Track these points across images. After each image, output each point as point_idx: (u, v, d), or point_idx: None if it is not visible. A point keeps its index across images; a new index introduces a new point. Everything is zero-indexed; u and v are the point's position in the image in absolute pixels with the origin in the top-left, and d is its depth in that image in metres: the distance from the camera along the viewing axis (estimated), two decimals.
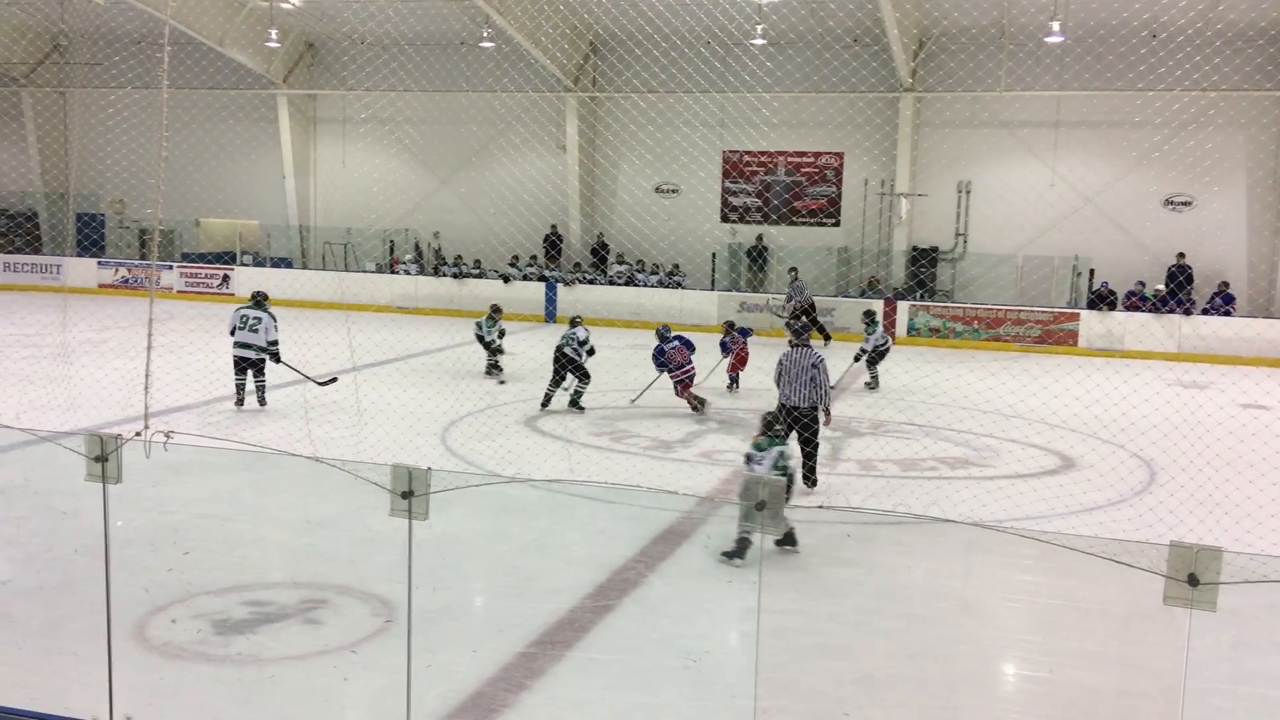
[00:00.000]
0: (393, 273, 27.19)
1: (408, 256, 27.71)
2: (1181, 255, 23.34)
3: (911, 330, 23.68)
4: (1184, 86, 22.27)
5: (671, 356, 14.17)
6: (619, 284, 25.74)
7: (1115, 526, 8.97)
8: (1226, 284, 23.08)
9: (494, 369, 16.66)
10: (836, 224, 26.21)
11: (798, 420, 9.89)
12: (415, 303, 26.03)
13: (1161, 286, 22.98)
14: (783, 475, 7.76)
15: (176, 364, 14.47)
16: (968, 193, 25.10)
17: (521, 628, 6.58)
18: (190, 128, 28.96)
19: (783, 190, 26.50)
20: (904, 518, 8.89)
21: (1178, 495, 10.02)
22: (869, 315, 17.59)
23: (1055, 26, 21.42)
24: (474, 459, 11.07)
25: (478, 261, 27.05)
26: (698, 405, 14.03)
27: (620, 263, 26.74)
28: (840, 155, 25.99)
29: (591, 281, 25.72)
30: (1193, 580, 3.00)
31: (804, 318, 20.97)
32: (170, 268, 27.74)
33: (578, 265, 26.68)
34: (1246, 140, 23.39)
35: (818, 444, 10.22)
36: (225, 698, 5.67)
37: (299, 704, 5.68)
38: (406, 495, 4.02)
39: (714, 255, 26.24)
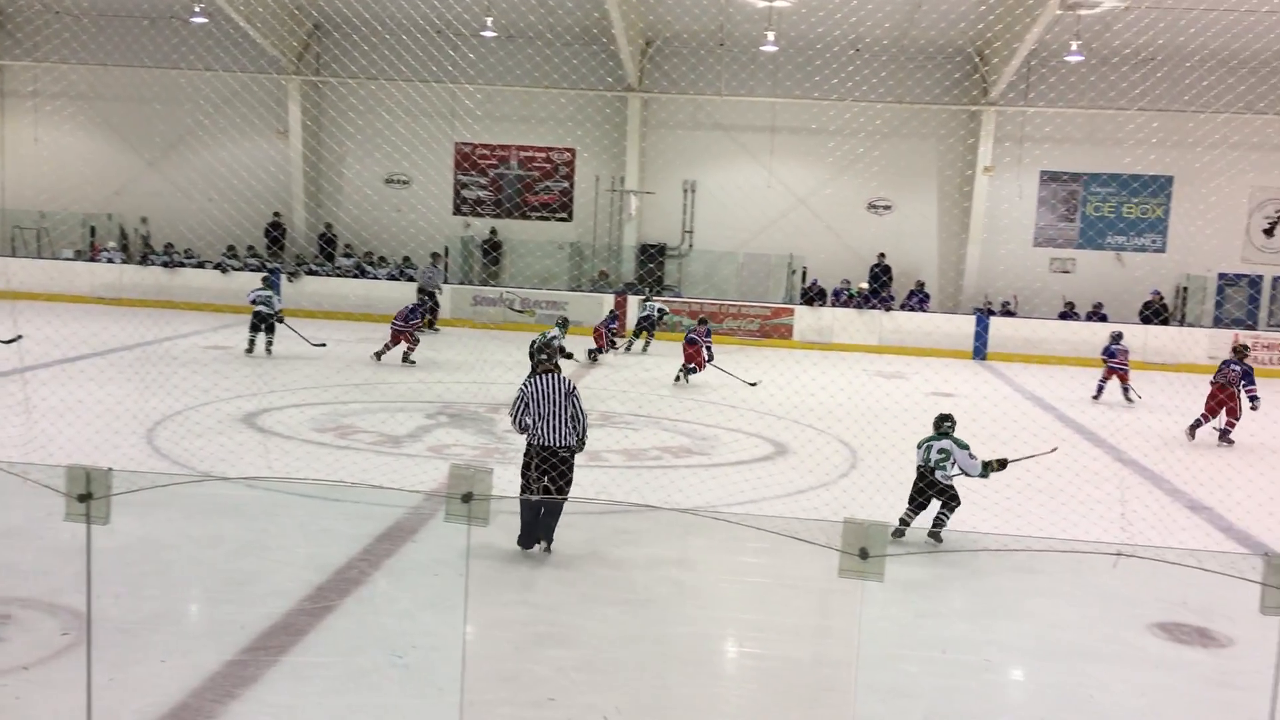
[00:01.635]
0: (94, 260, 25.18)
1: (110, 243, 25.73)
2: (882, 255, 25.17)
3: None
4: (883, 99, 24.06)
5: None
6: (347, 276, 24.98)
7: (823, 506, 9.57)
8: (922, 283, 25.11)
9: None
10: (569, 219, 26.52)
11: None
12: (120, 293, 24.16)
13: (865, 284, 24.75)
14: None
15: None
16: (693, 192, 26.03)
17: (234, 634, 6.27)
18: None
19: (515, 184, 26.54)
20: (612, 505, 9.13)
21: (882, 476, 10.84)
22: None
23: (770, 36, 22.54)
24: (184, 459, 10.44)
25: (189, 250, 25.43)
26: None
27: (348, 255, 25.93)
28: (572, 151, 26.30)
29: (313, 273, 24.82)
30: (863, 554, 3.25)
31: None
32: None
33: (299, 257, 25.65)
34: (938, 150, 25.50)
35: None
36: None
37: None
38: (84, 498, 3.69)
39: (446, 249, 25.93)
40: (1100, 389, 17.68)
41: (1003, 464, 8.99)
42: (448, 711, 5.16)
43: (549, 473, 7.97)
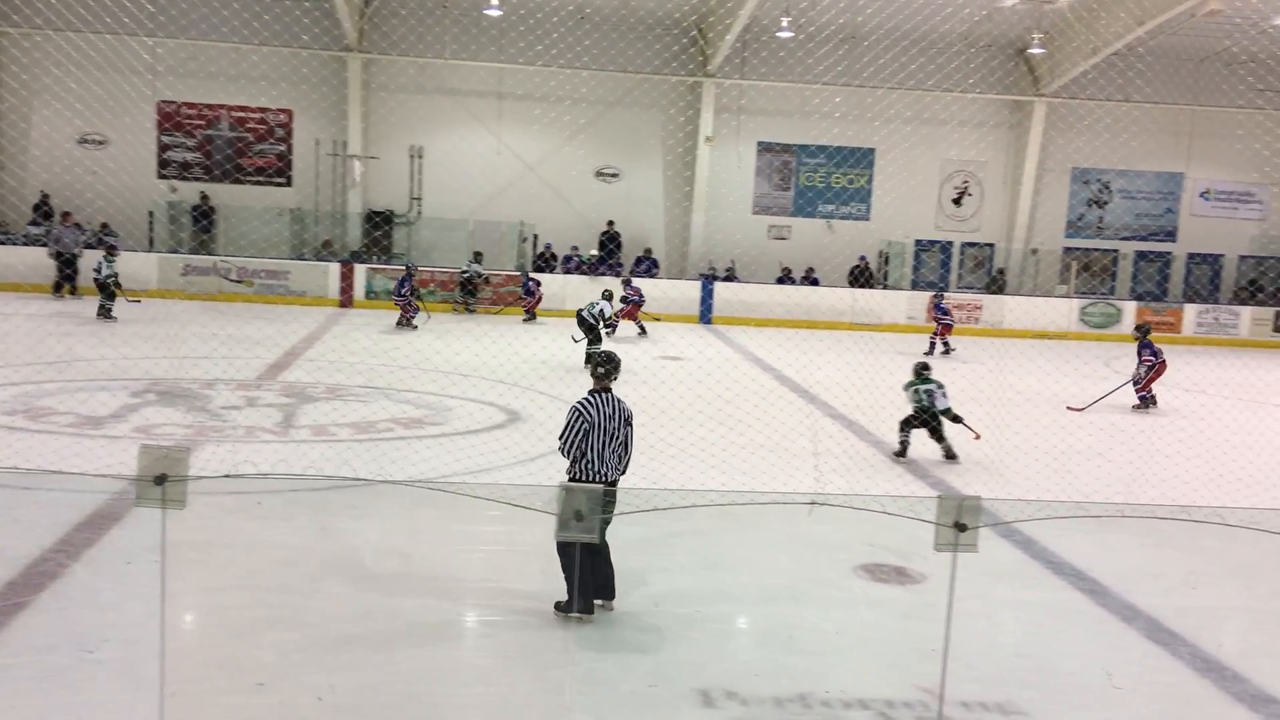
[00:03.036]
0: None
1: None
2: (611, 223, 25.63)
3: (370, 294, 23.67)
4: (608, 68, 24.41)
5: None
6: (37, 245, 22.86)
7: (554, 472, 9.68)
8: (650, 250, 25.77)
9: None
10: (288, 184, 25.36)
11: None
12: None
13: (595, 251, 25.13)
14: None
15: None
16: (420, 157, 25.50)
17: None
18: None
19: (227, 146, 25.08)
20: (338, 481, 8.90)
21: None
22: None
23: (495, 0, 22.34)
24: None
25: None
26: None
27: (36, 223, 23.70)
28: (289, 113, 25.14)
29: None
30: (578, 516, 3.32)
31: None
32: None
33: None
34: (662, 120, 26.17)
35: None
36: None
37: None
38: None
39: (151, 214, 24.21)
40: (932, 344, 20.25)
41: (950, 412, 11.27)
42: (149, 706, 4.88)
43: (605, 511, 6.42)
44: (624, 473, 6.87)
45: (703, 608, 6.96)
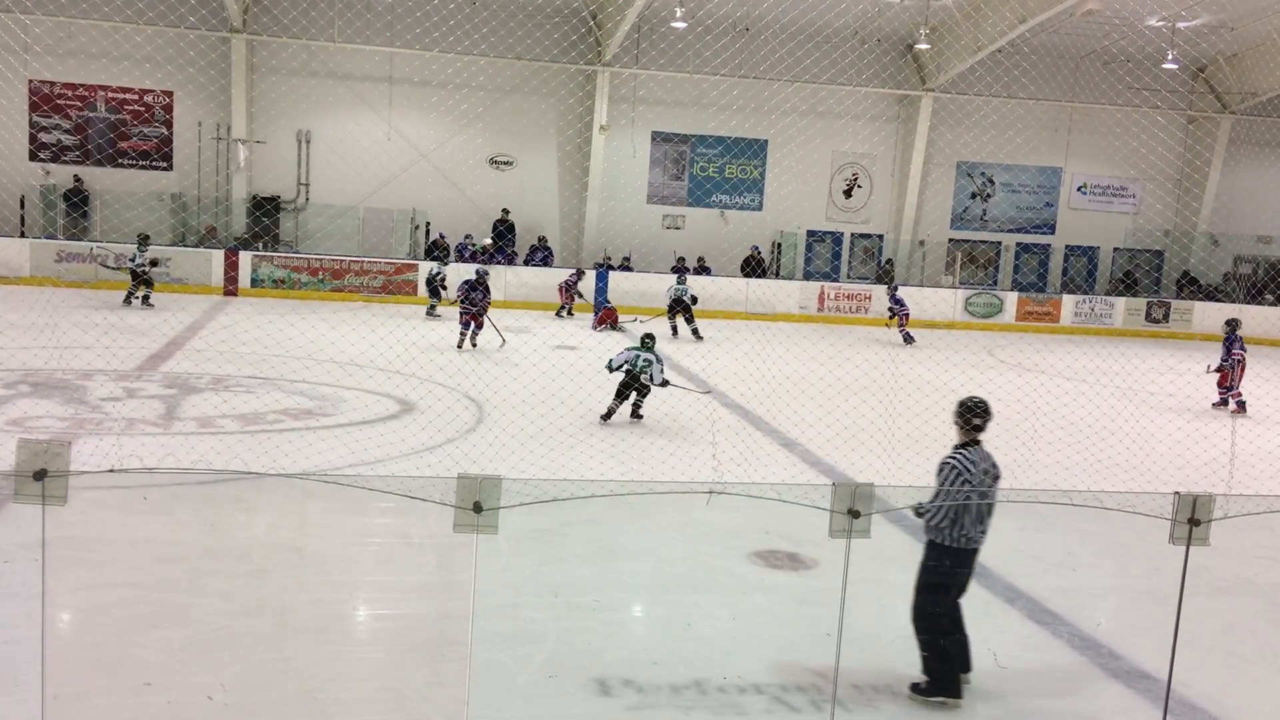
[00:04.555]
0: None
1: None
2: (506, 211, 25.43)
3: (256, 282, 23.06)
4: (503, 55, 24.20)
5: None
6: None
7: (451, 463, 9.59)
8: (544, 238, 25.65)
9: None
10: (169, 168, 24.53)
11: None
12: None
13: (489, 239, 24.92)
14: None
15: None
16: (308, 142, 24.91)
17: None
18: None
19: (105, 129, 24.13)
20: (223, 475, 8.68)
21: (509, 430, 11.02)
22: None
23: None
24: None
25: None
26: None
27: None
28: (170, 94, 24.30)
29: None
30: (477, 508, 3.28)
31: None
32: None
33: None
34: (557, 109, 26.05)
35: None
36: None
37: None
38: None
39: (23, 198, 23.18)
40: (907, 336, 21.34)
41: (666, 383, 12.36)
42: (29, 709, 4.68)
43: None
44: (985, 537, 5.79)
45: (600, 597, 6.97)
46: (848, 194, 28.01)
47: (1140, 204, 29.28)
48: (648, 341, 12.48)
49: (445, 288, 20.64)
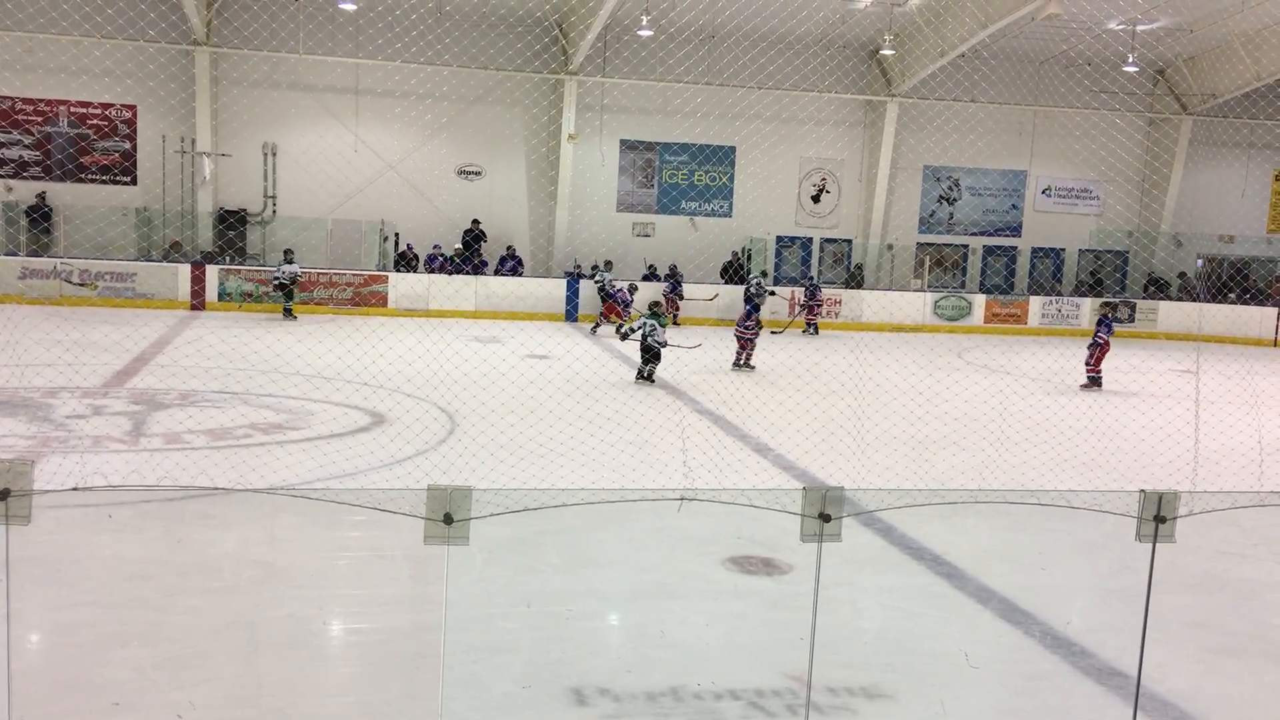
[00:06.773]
0: None
1: None
2: (477, 221, 25.38)
3: (223, 295, 22.89)
4: (468, 65, 24.16)
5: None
6: None
7: (422, 475, 9.54)
8: (513, 247, 25.62)
9: None
10: (133, 182, 24.31)
11: None
12: None
13: (460, 248, 24.86)
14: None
15: None
16: (274, 155, 24.78)
17: None
18: None
19: (67, 144, 23.89)
20: (189, 491, 8.60)
21: (480, 440, 10.98)
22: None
23: None
24: None
25: None
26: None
27: None
28: (133, 108, 24.09)
29: None
30: (448, 519, 3.27)
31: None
32: None
33: None
34: (525, 118, 26.05)
35: None
36: None
37: None
38: None
39: None
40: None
41: (664, 344, 14.89)
42: None
43: None
44: None
45: (574, 606, 6.96)
46: (816, 199, 28.16)
47: (1104, 205, 29.62)
48: (655, 308, 15.10)
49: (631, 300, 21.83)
